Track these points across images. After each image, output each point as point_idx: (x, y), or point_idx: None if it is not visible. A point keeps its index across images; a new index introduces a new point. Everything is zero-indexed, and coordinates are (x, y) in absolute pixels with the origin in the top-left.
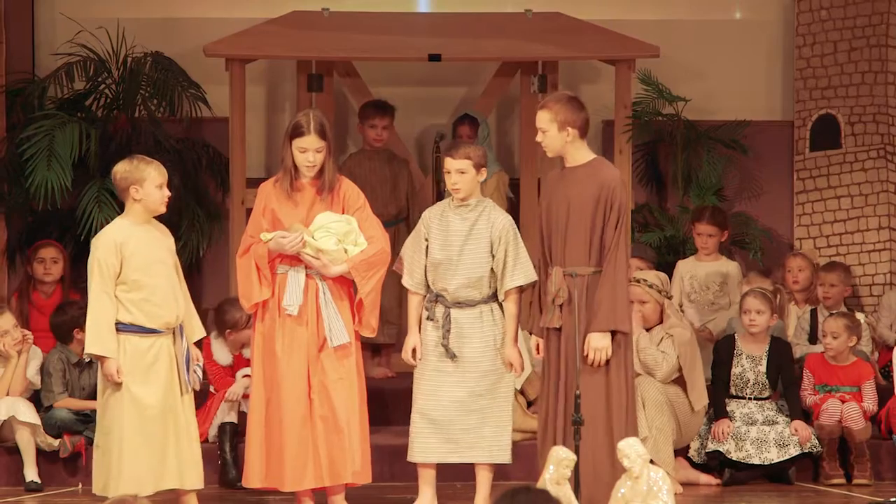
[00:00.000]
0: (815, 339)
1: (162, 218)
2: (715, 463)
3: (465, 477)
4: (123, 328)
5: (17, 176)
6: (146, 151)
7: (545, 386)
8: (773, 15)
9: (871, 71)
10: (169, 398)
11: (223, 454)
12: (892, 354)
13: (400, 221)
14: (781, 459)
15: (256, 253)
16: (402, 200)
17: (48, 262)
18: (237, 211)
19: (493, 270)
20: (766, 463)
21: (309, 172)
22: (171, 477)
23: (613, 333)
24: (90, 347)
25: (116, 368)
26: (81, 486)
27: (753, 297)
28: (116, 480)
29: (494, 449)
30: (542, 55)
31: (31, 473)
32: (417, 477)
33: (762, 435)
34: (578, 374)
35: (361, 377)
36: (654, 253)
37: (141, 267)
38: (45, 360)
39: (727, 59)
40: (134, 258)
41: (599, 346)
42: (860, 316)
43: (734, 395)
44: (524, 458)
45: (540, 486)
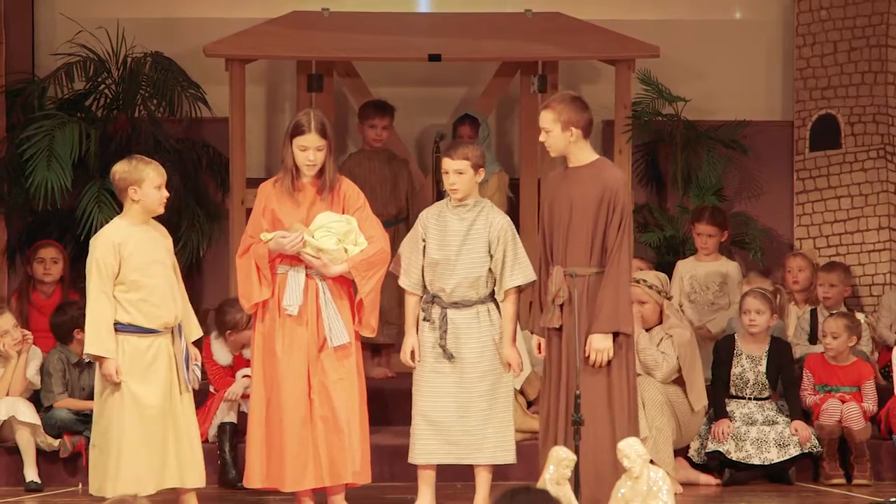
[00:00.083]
0: (815, 339)
1: (162, 218)
2: (715, 463)
3: (465, 477)
4: (122, 328)
5: (17, 176)
6: (146, 152)
7: (546, 386)
8: (773, 15)
9: (871, 71)
10: (168, 397)
11: (223, 454)
12: (892, 354)
13: (400, 221)
14: (781, 459)
15: (256, 253)
16: (401, 200)
17: (48, 262)
18: (237, 211)
19: (490, 270)
20: (766, 463)
21: (309, 171)
22: (171, 476)
23: (615, 335)
24: (89, 348)
25: (116, 368)
26: (81, 486)
27: (753, 297)
28: (114, 481)
29: (499, 450)
30: (542, 55)
31: (31, 473)
32: (417, 477)
33: (762, 435)
34: (578, 374)
35: (361, 377)
36: (653, 253)
37: (139, 267)
38: (44, 360)
39: (727, 59)
40: (132, 258)
41: (601, 347)
42: (860, 316)
43: (734, 395)
44: (524, 458)
45: (540, 486)
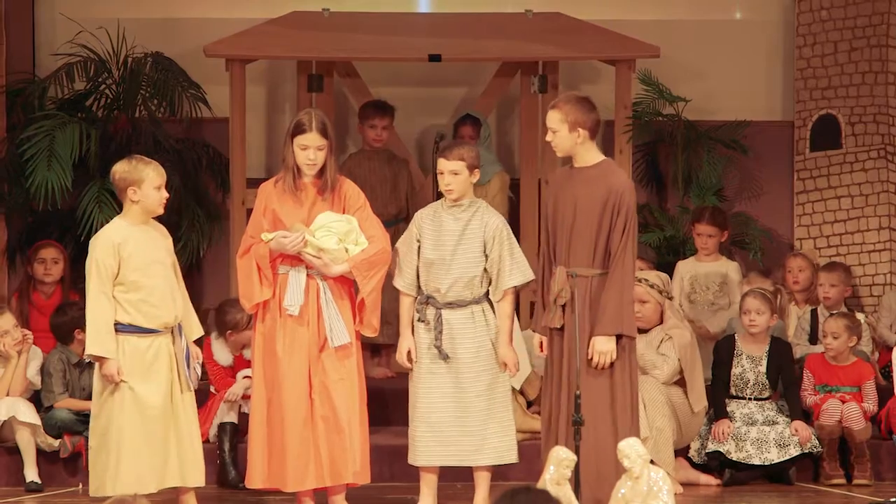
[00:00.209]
0: (815, 339)
1: (162, 218)
2: (715, 463)
3: (465, 477)
4: (122, 328)
5: (17, 176)
6: (146, 152)
7: (548, 386)
8: (773, 15)
9: (871, 71)
10: (169, 397)
11: (222, 454)
12: (892, 355)
13: (400, 221)
14: (782, 460)
15: (257, 253)
16: (401, 200)
17: (48, 262)
18: (237, 211)
19: (485, 271)
20: (766, 463)
21: (309, 171)
22: (173, 475)
23: (619, 337)
24: (90, 348)
25: (117, 369)
26: (81, 486)
27: (753, 297)
28: (114, 480)
29: (502, 450)
30: (542, 55)
31: (31, 474)
32: (417, 477)
33: (762, 435)
34: (578, 374)
35: (362, 377)
36: (654, 253)
37: (139, 267)
38: (45, 360)
39: (727, 59)
40: (132, 259)
41: (604, 349)
42: (860, 316)
43: (734, 395)
44: (524, 458)
45: (540, 486)
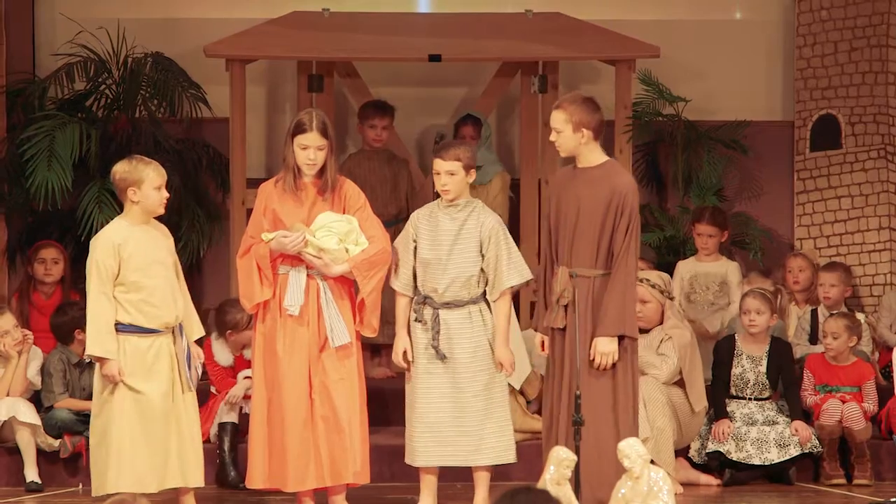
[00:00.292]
0: (815, 339)
1: (162, 218)
2: (715, 463)
3: (465, 477)
4: (123, 328)
5: (17, 176)
6: (146, 152)
7: (549, 386)
8: (773, 15)
9: (871, 71)
10: (170, 397)
11: (222, 454)
12: (892, 355)
13: (400, 221)
14: (782, 460)
15: (258, 253)
16: (402, 200)
17: (49, 262)
18: (237, 211)
19: (482, 270)
20: (766, 463)
21: (309, 171)
22: (174, 475)
23: (621, 338)
24: (91, 349)
25: (118, 369)
26: (82, 486)
27: (753, 297)
28: (115, 479)
29: (499, 450)
30: (542, 55)
31: (31, 474)
32: (417, 477)
33: (762, 435)
34: (578, 374)
35: (362, 377)
36: (654, 253)
37: (139, 268)
38: (45, 360)
39: (727, 59)
40: (132, 259)
41: (606, 350)
42: (860, 316)
43: (734, 395)
44: (524, 458)
45: (540, 486)
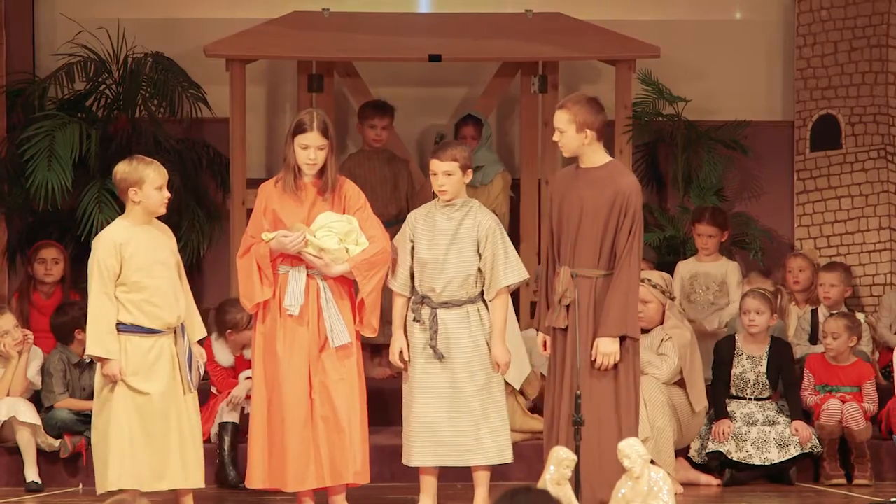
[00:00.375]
0: (815, 339)
1: (162, 218)
2: (715, 463)
3: (465, 477)
4: (124, 328)
5: (17, 176)
6: (146, 152)
7: (550, 386)
8: (773, 15)
9: (871, 71)
10: (171, 397)
11: (222, 454)
12: (892, 355)
13: (400, 221)
14: (782, 460)
15: (258, 253)
16: (402, 200)
17: (49, 262)
18: (238, 211)
19: (480, 270)
20: (766, 463)
21: (309, 170)
22: (173, 476)
23: (623, 338)
24: (91, 349)
25: (119, 369)
26: (82, 486)
27: (752, 297)
28: (116, 476)
29: (496, 450)
30: (542, 55)
31: (31, 474)
32: (417, 477)
33: (763, 435)
34: (578, 374)
35: (362, 377)
36: (654, 253)
37: (141, 268)
38: (45, 360)
39: (727, 59)
40: (134, 259)
41: (608, 351)
42: (860, 316)
43: (734, 395)
44: (525, 458)
45: (540, 486)
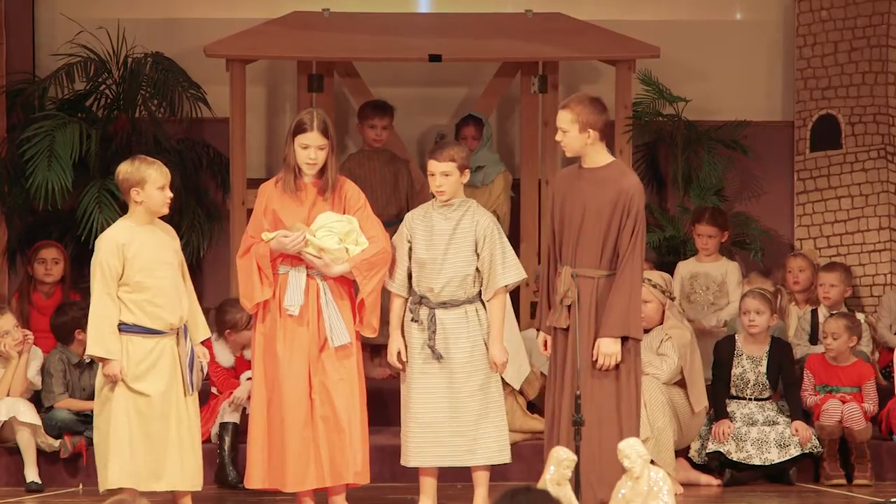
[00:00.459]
0: (815, 339)
1: (162, 218)
2: (715, 463)
3: (465, 478)
4: (126, 329)
5: (17, 176)
6: (146, 152)
7: (551, 386)
8: (773, 15)
9: (871, 71)
10: (172, 398)
11: (222, 454)
12: (892, 355)
13: (400, 221)
14: (782, 460)
15: (258, 253)
16: (402, 200)
17: (49, 262)
18: (238, 211)
19: (478, 270)
20: (766, 463)
21: (310, 170)
22: (172, 477)
23: (624, 339)
24: (92, 349)
25: (120, 369)
26: (82, 486)
27: (752, 297)
28: (116, 475)
29: (494, 450)
30: (542, 55)
31: (31, 474)
32: (417, 477)
33: (763, 435)
34: (578, 374)
35: (362, 377)
36: (654, 253)
37: (144, 268)
38: (45, 360)
39: (727, 59)
40: (136, 259)
41: (609, 351)
42: (860, 316)
43: (734, 395)
44: (525, 458)
45: (540, 486)
